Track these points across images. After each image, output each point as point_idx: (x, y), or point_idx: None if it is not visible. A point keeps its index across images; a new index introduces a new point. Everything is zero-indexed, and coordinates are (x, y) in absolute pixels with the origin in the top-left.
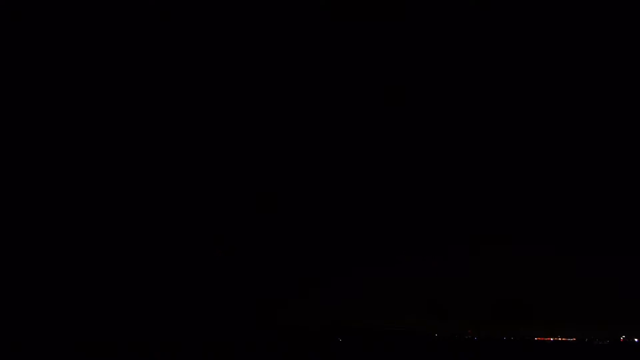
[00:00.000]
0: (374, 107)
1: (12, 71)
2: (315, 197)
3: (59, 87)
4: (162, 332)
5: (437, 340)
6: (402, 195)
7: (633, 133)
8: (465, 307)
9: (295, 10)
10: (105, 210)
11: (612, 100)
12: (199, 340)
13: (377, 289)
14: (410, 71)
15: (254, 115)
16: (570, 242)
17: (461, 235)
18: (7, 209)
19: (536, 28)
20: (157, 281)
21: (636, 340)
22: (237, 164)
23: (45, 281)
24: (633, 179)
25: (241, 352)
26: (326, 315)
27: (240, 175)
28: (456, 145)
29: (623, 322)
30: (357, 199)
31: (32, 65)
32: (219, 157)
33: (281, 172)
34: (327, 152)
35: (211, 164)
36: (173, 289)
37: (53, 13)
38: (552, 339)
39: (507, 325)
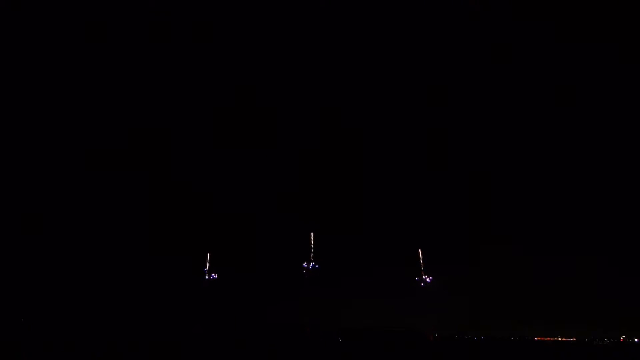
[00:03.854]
0: (374, 109)
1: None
2: (314, 197)
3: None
4: (162, 332)
5: (437, 340)
6: (402, 196)
7: (632, 137)
8: (465, 308)
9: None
10: (106, 212)
11: (610, 103)
12: (199, 340)
13: (377, 289)
14: (407, 72)
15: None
16: (570, 243)
17: (461, 236)
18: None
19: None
20: (157, 283)
21: (636, 340)
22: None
23: (46, 281)
24: (633, 182)
25: (241, 352)
26: (326, 315)
27: (242, 177)
28: (457, 147)
29: (623, 322)
30: (357, 199)
31: (31, 65)
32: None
33: (279, 174)
34: (327, 151)
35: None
36: (173, 290)
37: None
38: (552, 339)
39: (507, 325)
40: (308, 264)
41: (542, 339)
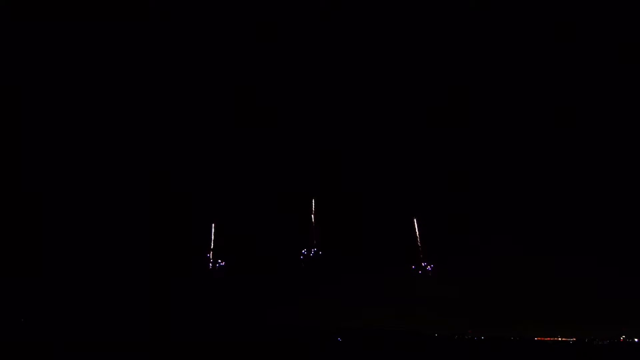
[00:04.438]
0: (375, 111)
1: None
2: (314, 196)
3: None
4: (162, 332)
5: (437, 340)
6: (401, 196)
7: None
8: (465, 307)
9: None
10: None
11: (610, 103)
12: (199, 340)
13: (377, 289)
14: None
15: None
16: (570, 243)
17: (461, 236)
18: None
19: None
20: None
21: (636, 340)
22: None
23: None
24: (633, 182)
25: (241, 352)
26: (326, 315)
27: (242, 174)
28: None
29: (623, 322)
30: (356, 198)
31: (31, 65)
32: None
33: (280, 172)
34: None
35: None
36: (173, 290)
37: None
38: (552, 339)
39: (507, 325)
40: (308, 252)
41: (542, 339)
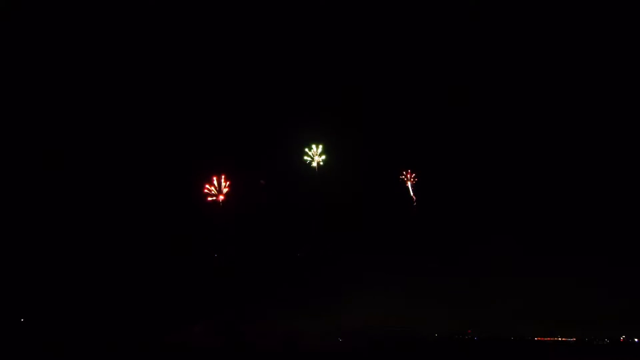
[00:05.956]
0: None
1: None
2: (313, 195)
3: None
4: (161, 332)
5: (437, 340)
6: (400, 195)
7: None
8: (466, 307)
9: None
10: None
11: (610, 103)
12: (198, 340)
13: (377, 289)
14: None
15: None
16: (570, 243)
17: (459, 235)
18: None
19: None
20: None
21: (636, 340)
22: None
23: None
24: (633, 182)
25: (241, 352)
26: (326, 315)
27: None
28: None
29: (623, 322)
30: (356, 198)
31: (31, 65)
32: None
33: (282, 171)
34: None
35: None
36: (172, 290)
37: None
38: (552, 339)
39: (507, 325)
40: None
41: (542, 339)
